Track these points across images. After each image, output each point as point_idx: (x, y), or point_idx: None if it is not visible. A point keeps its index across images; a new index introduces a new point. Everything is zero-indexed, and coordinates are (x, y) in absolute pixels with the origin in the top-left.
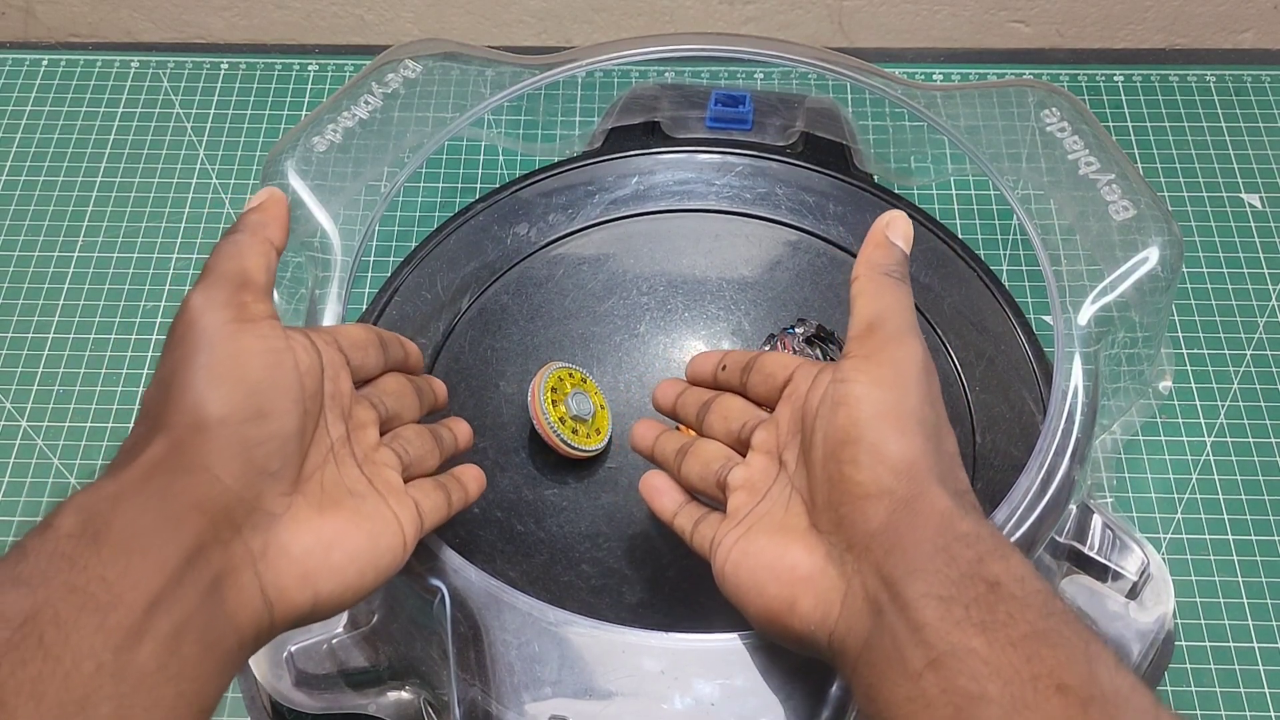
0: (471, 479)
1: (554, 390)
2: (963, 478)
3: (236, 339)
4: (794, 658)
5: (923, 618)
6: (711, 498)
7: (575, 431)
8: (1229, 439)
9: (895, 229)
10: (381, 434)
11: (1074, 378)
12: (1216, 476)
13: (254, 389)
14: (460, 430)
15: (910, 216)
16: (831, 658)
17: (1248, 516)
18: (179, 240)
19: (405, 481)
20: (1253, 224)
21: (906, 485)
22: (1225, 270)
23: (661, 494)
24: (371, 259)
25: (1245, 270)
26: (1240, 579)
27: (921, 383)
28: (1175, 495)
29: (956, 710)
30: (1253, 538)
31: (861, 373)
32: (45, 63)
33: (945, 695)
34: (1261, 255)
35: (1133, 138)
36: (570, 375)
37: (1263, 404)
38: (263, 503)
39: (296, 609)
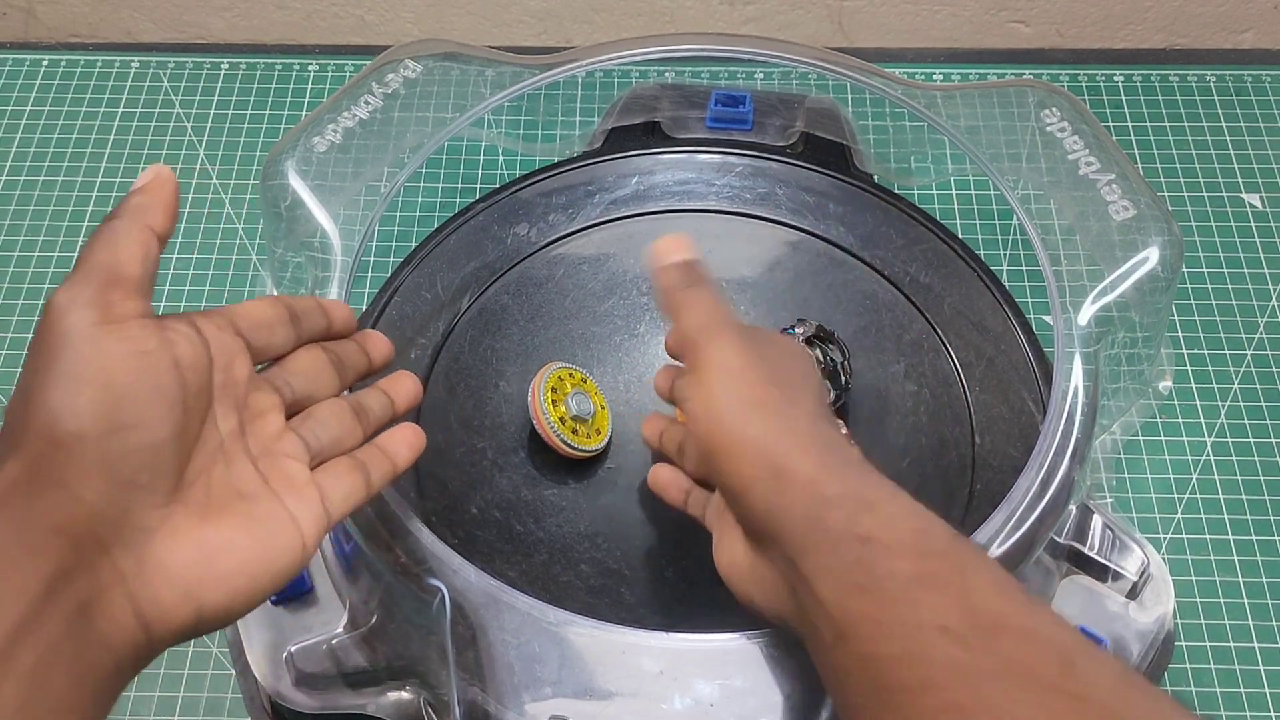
0: (401, 443)
1: (554, 390)
2: (828, 431)
3: (98, 342)
4: (793, 658)
5: (820, 593)
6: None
7: (575, 431)
8: (1229, 439)
9: (662, 255)
10: (291, 416)
11: (1074, 378)
12: (1217, 476)
13: (118, 398)
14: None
15: (911, 216)
16: (804, 643)
17: (1248, 516)
18: (178, 240)
19: (317, 466)
20: (1253, 224)
21: (766, 468)
22: (1225, 270)
23: (668, 487)
24: (371, 259)
25: (1245, 270)
26: (1240, 579)
27: (746, 367)
28: (1175, 495)
29: (872, 678)
30: (1253, 537)
31: (691, 387)
32: (46, 63)
33: (859, 663)
34: (1262, 255)
35: (1133, 138)
36: (570, 375)
37: (1263, 404)
38: (133, 518)
39: (179, 625)
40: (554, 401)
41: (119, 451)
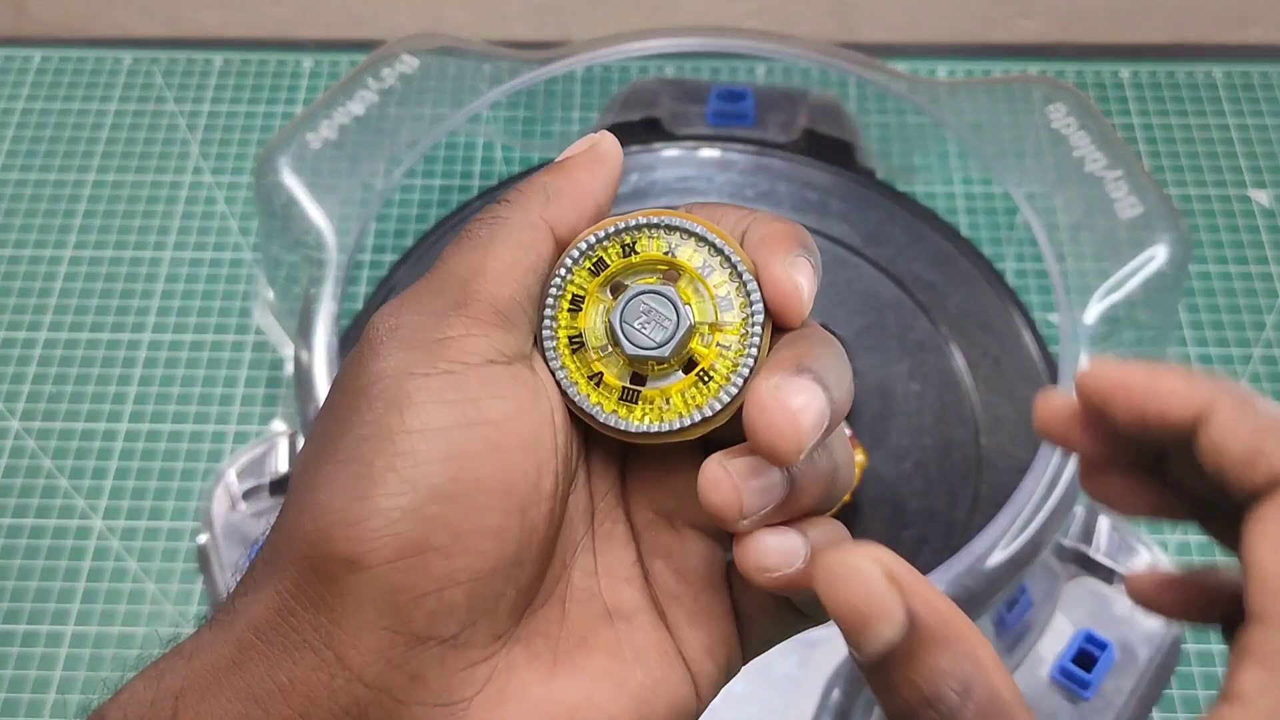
0: None
1: (594, 268)
2: None
3: (429, 395)
4: (795, 664)
5: None
6: None
7: (623, 391)
8: None
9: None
10: None
11: None
12: None
13: (434, 494)
14: None
15: (914, 214)
16: None
17: None
18: (173, 237)
19: None
20: (1260, 221)
21: None
22: (1232, 268)
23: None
24: (368, 257)
25: (1253, 268)
26: None
27: None
28: None
29: None
30: None
31: None
32: (38, 58)
33: None
34: (1269, 252)
35: (1138, 134)
36: (652, 242)
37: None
38: (428, 687)
39: None
40: (579, 299)
41: (414, 592)
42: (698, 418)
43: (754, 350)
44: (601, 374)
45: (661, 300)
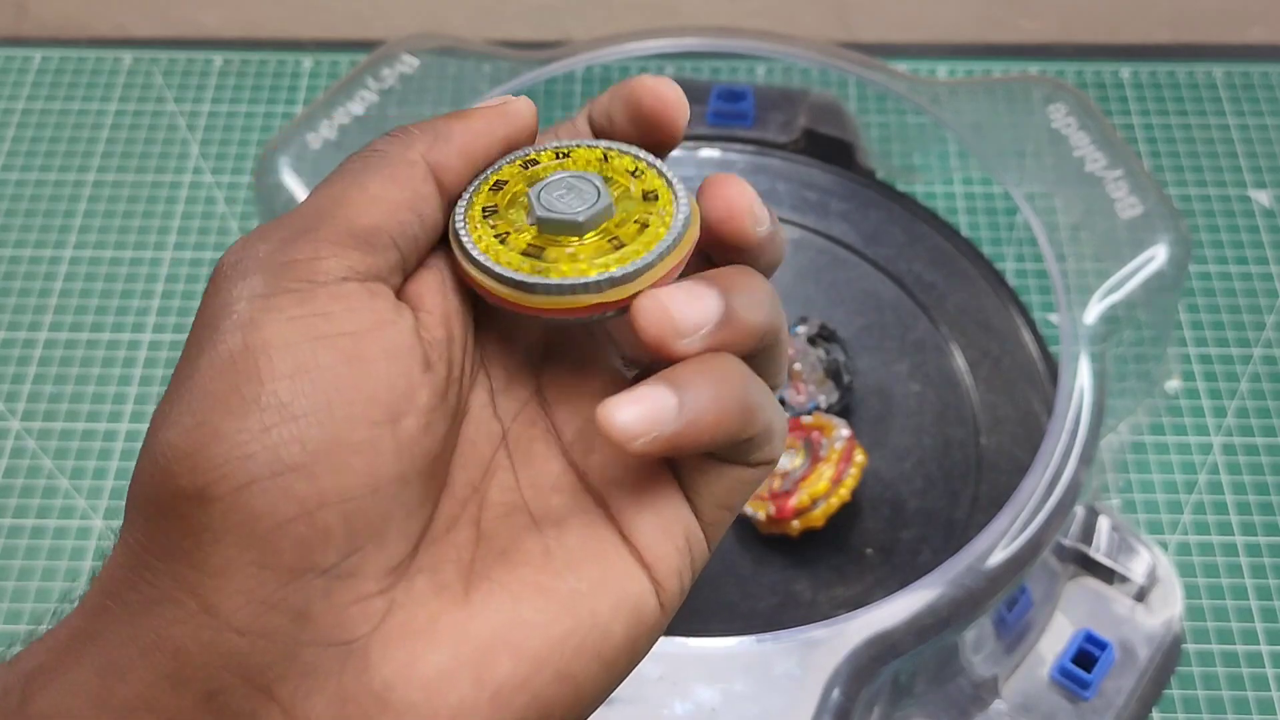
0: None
1: (525, 166)
2: None
3: (276, 315)
4: (795, 663)
5: None
6: None
7: (531, 245)
8: (1236, 439)
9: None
10: None
11: (1080, 377)
12: (1224, 478)
13: (303, 414)
14: None
15: (914, 214)
16: None
17: (1256, 518)
18: (172, 237)
19: None
20: (1260, 221)
21: None
22: (1233, 268)
23: None
24: None
25: (1253, 268)
26: (1248, 581)
27: None
28: (1182, 497)
29: None
30: (1261, 539)
31: None
32: (38, 58)
33: None
34: (1269, 253)
35: (1139, 134)
36: (563, 155)
37: (1270, 404)
38: (311, 629)
39: None
40: (501, 183)
41: (276, 518)
42: (603, 277)
43: (678, 228)
44: (508, 233)
45: (585, 182)
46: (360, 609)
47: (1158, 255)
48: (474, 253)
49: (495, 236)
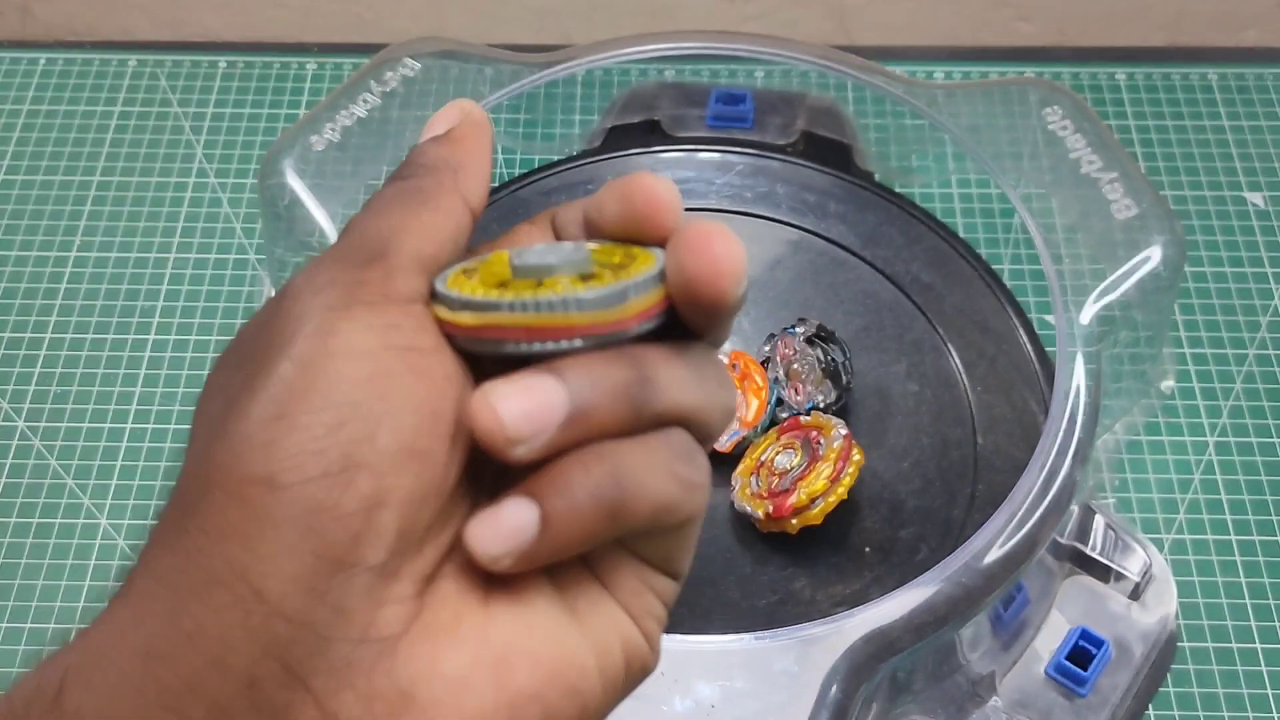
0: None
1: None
2: None
3: (338, 335)
4: (794, 660)
5: None
6: None
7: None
8: (1231, 439)
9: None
10: None
11: (1076, 377)
12: (1219, 476)
13: (351, 420)
14: None
15: (912, 215)
16: None
17: (1250, 516)
18: (176, 239)
19: None
20: (1255, 223)
21: None
22: (1228, 269)
23: None
24: None
25: (1248, 269)
26: (1243, 579)
27: None
28: (1178, 495)
29: None
30: (1255, 538)
31: None
32: (43, 61)
33: None
34: (1264, 254)
35: (1134, 136)
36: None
37: (1265, 404)
38: (352, 624)
39: None
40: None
41: (338, 511)
42: (513, 300)
43: (630, 286)
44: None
45: (557, 246)
46: (395, 609)
47: (1153, 256)
48: (436, 283)
49: (464, 274)
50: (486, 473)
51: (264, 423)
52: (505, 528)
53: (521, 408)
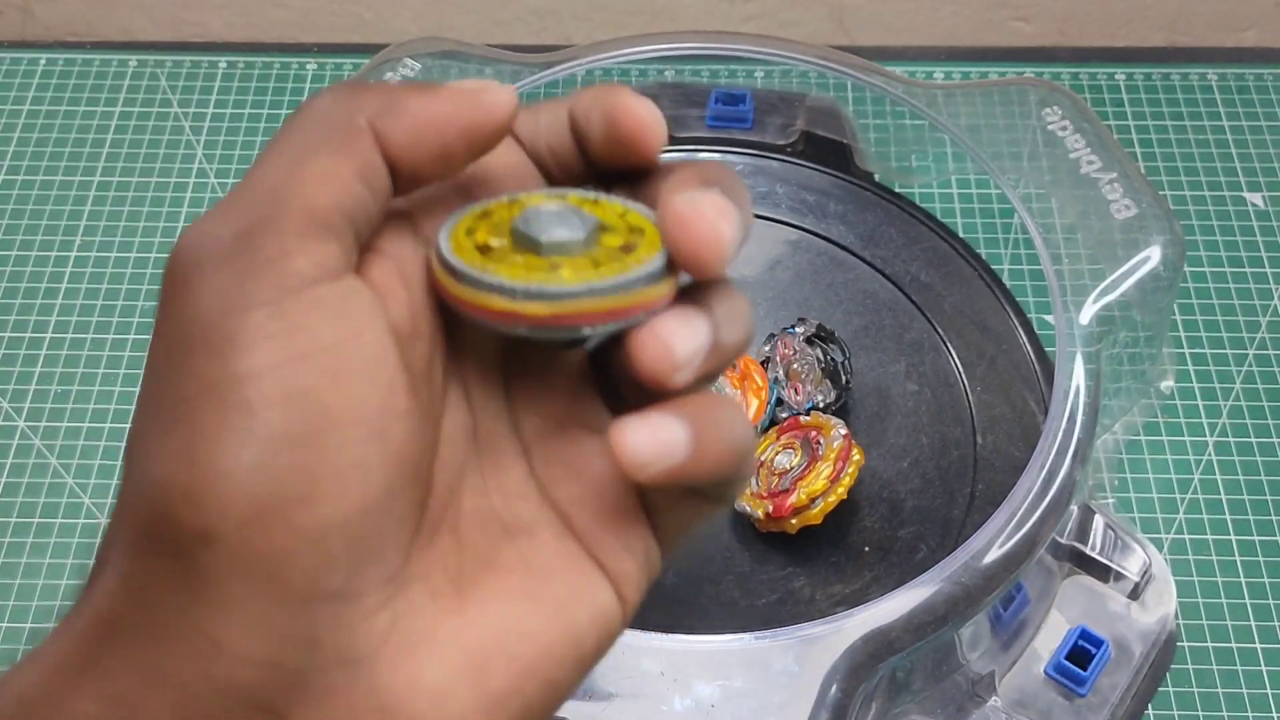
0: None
1: (486, 216)
2: None
3: (246, 315)
4: (793, 660)
5: None
6: None
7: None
8: (1231, 439)
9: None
10: None
11: (1075, 377)
12: (1219, 476)
13: (279, 441)
14: None
15: (911, 215)
16: None
17: (1250, 516)
18: (174, 241)
19: None
20: (1255, 223)
21: None
22: (1227, 269)
23: None
24: None
25: (1247, 269)
26: (1243, 579)
27: None
28: (1177, 495)
29: None
30: (1255, 538)
31: None
32: (43, 62)
33: None
34: (1264, 254)
35: (1134, 136)
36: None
37: (1265, 403)
38: (325, 653)
39: None
40: (477, 225)
41: (282, 552)
42: (528, 286)
43: (638, 276)
44: (488, 245)
45: (564, 212)
46: (366, 626)
47: (1152, 256)
48: (439, 239)
49: (467, 234)
50: (430, 454)
51: (182, 468)
52: (663, 438)
53: (686, 342)
